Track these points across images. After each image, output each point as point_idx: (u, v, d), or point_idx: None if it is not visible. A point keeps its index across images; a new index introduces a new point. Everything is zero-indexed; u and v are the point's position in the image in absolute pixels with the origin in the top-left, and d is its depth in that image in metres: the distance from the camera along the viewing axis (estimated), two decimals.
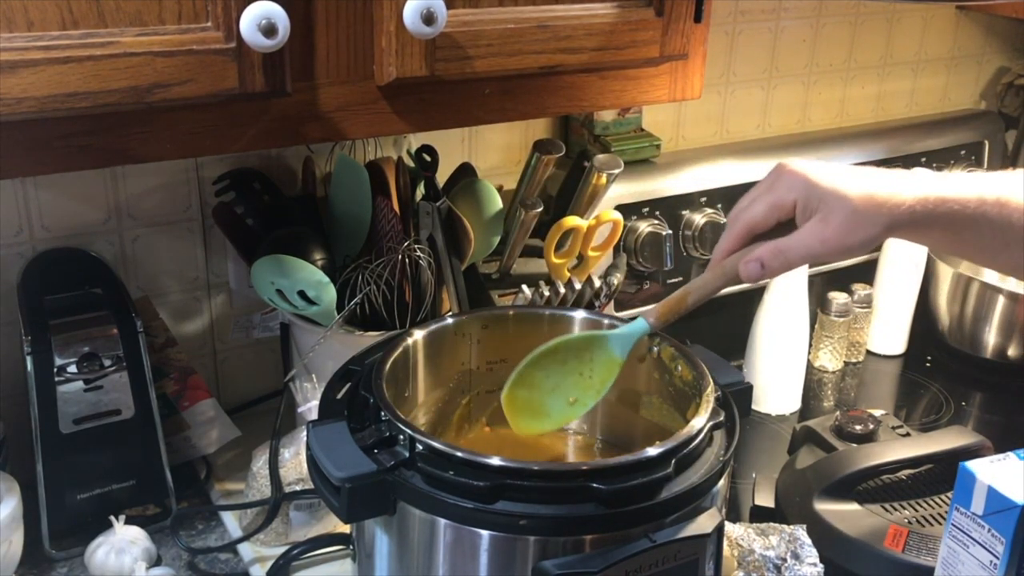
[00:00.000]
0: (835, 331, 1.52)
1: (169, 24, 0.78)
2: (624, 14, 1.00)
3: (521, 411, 0.93)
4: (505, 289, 1.26)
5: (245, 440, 1.19)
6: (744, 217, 0.87)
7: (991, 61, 1.93)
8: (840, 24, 1.69)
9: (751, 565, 1.00)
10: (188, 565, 1.07)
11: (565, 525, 0.75)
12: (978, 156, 1.81)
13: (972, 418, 1.46)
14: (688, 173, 1.48)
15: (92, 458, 1.06)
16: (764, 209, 0.86)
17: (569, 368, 0.93)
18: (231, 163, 1.20)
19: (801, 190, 0.83)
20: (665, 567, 0.76)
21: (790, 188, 0.84)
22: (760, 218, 0.86)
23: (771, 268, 0.85)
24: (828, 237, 0.82)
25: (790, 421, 1.40)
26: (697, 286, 0.89)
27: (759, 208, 0.86)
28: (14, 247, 1.14)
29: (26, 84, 0.73)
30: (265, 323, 1.30)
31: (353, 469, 0.75)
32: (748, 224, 0.86)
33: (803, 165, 0.85)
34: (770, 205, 0.85)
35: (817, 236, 0.83)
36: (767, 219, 0.86)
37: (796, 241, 0.84)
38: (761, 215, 0.86)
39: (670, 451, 0.78)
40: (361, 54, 0.89)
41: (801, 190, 0.83)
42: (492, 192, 1.20)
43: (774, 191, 0.85)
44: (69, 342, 1.04)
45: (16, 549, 1.01)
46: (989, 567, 0.89)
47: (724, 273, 0.88)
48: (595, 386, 0.93)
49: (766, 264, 0.84)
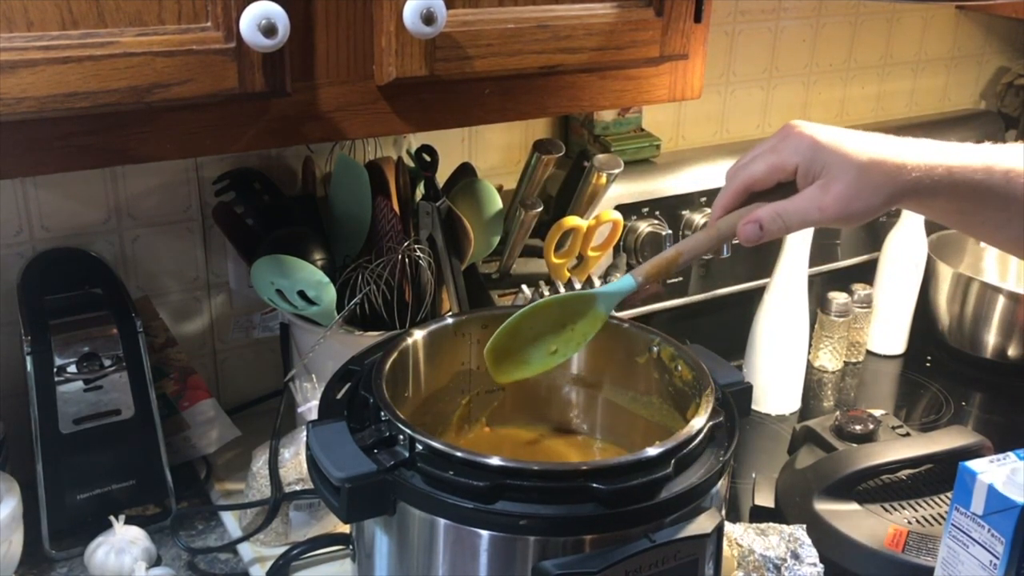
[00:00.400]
0: (835, 331, 1.52)
1: (169, 24, 0.78)
2: (624, 14, 1.00)
3: (501, 359, 0.91)
4: (505, 289, 1.26)
5: (245, 440, 1.19)
6: (743, 175, 0.85)
7: (991, 61, 1.93)
8: (840, 24, 1.69)
9: (751, 565, 1.00)
10: (188, 565, 1.07)
11: (565, 525, 0.75)
12: None
13: (972, 418, 1.46)
14: (688, 173, 1.48)
15: (92, 458, 1.06)
16: (765, 169, 0.84)
17: (553, 321, 0.92)
18: (231, 163, 1.20)
19: (805, 153, 0.82)
20: (665, 567, 0.76)
21: (794, 151, 0.82)
22: (759, 176, 0.84)
23: (769, 231, 0.83)
24: (827, 205, 0.81)
25: (790, 421, 1.40)
26: (690, 246, 0.87)
27: (759, 167, 0.84)
28: (14, 247, 1.14)
29: (26, 84, 0.73)
30: (265, 323, 1.30)
31: (353, 469, 0.75)
32: (747, 182, 0.85)
33: (811, 127, 0.83)
34: (771, 165, 0.83)
35: (816, 203, 0.81)
36: (767, 179, 0.84)
37: (795, 206, 0.82)
38: (761, 174, 0.84)
39: (670, 451, 0.78)
40: (361, 54, 0.89)
41: (805, 153, 0.82)
42: (492, 192, 1.20)
43: (777, 152, 0.84)
44: (69, 342, 1.04)
45: (16, 549, 1.01)
46: (989, 567, 0.89)
47: (719, 233, 0.86)
48: (576, 338, 0.92)
49: (765, 227, 0.83)
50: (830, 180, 0.81)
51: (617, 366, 0.99)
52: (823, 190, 0.81)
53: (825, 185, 0.81)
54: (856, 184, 0.80)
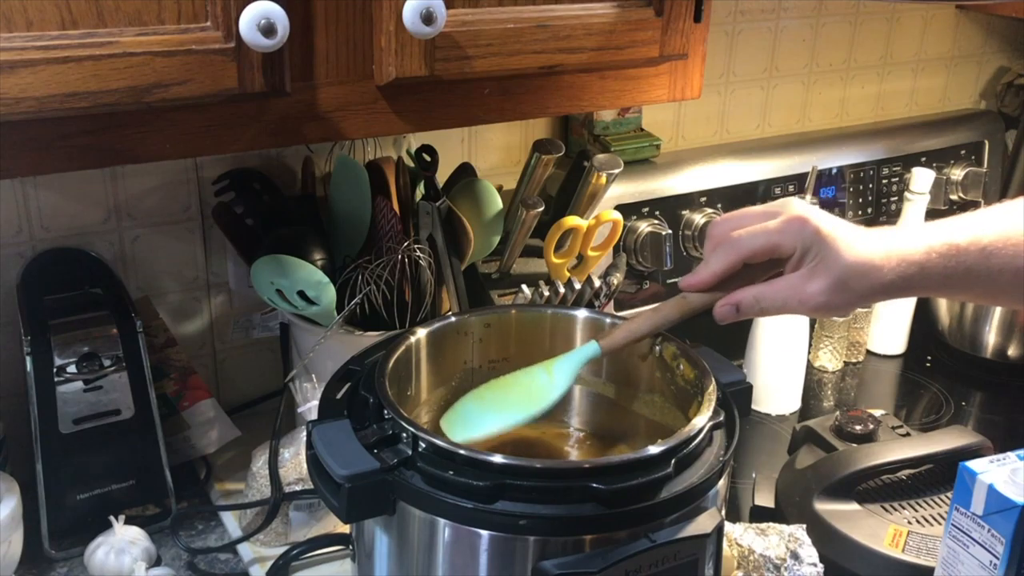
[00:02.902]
0: (835, 331, 1.52)
1: (168, 24, 0.78)
2: (624, 14, 1.00)
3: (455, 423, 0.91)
4: (505, 289, 1.26)
5: (245, 440, 1.19)
6: (743, 248, 0.85)
7: (991, 61, 1.93)
8: (840, 24, 1.69)
9: (751, 565, 1.00)
10: (188, 565, 1.07)
11: (565, 525, 0.75)
12: (978, 156, 1.81)
13: (972, 418, 1.46)
14: (688, 173, 1.48)
15: (92, 458, 1.06)
16: (764, 247, 0.84)
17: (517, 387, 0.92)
18: (231, 163, 1.20)
19: (806, 242, 0.82)
20: (665, 567, 0.76)
21: (797, 237, 0.83)
22: (758, 252, 0.84)
23: (744, 314, 0.85)
24: (807, 298, 0.82)
25: (790, 421, 1.40)
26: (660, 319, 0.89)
27: (760, 243, 0.84)
28: (14, 247, 1.14)
29: (25, 84, 0.73)
30: (265, 323, 1.30)
31: (357, 467, 0.75)
32: (745, 256, 0.85)
33: (816, 215, 0.83)
34: (772, 245, 0.83)
35: (797, 294, 0.82)
36: (762, 256, 0.85)
37: (775, 293, 0.83)
38: (760, 250, 0.84)
39: (670, 450, 0.78)
40: (360, 54, 0.89)
41: (806, 242, 0.82)
42: (492, 192, 1.20)
43: (782, 234, 0.83)
44: (69, 342, 1.04)
45: (16, 549, 1.01)
46: (989, 567, 0.89)
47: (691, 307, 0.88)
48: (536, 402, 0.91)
49: (741, 309, 0.85)
50: (816, 273, 0.82)
51: (619, 364, 0.99)
52: (807, 281, 0.82)
53: (810, 276, 0.82)
54: (838, 283, 0.81)
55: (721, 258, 0.86)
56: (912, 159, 1.71)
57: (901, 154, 1.71)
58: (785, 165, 1.58)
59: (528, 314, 1.02)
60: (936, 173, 1.66)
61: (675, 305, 0.89)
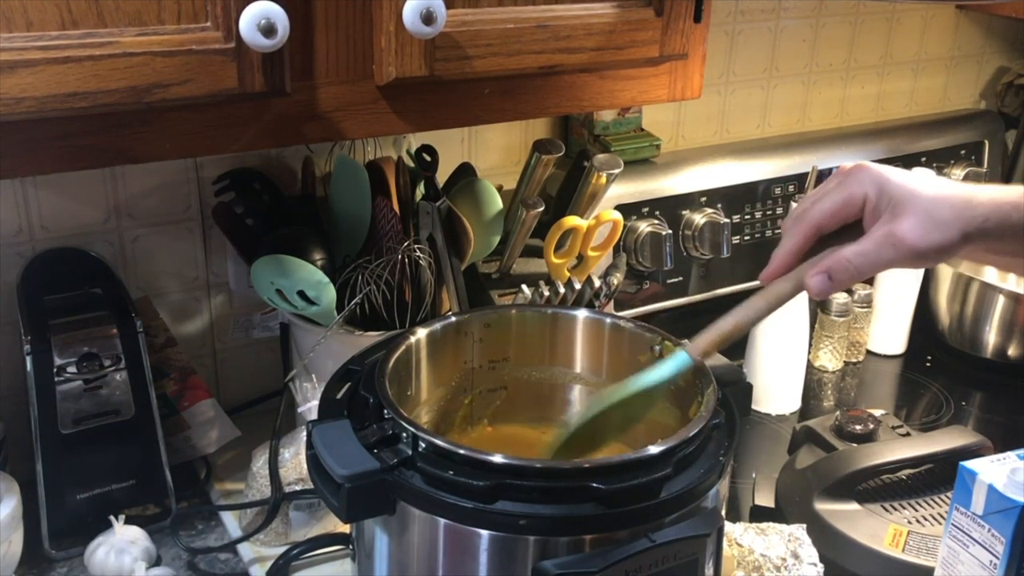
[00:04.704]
0: (835, 331, 1.52)
1: (168, 24, 0.78)
2: (624, 14, 1.00)
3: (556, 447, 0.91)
4: (505, 289, 1.26)
5: (245, 440, 1.19)
6: (813, 213, 0.79)
7: (991, 61, 1.93)
8: (840, 24, 1.69)
9: (751, 565, 1.00)
10: (188, 565, 1.07)
11: (565, 525, 0.75)
12: (978, 156, 1.81)
13: (972, 418, 1.46)
14: (688, 173, 1.48)
15: (92, 458, 1.06)
16: (833, 204, 0.79)
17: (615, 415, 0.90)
18: (231, 163, 1.20)
19: (872, 185, 0.78)
20: (665, 567, 0.76)
21: (862, 183, 0.78)
22: (828, 215, 0.79)
23: (838, 281, 0.78)
24: (900, 239, 0.76)
25: (790, 421, 1.40)
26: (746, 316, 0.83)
27: (827, 204, 0.79)
28: (14, 247, 1.14)
29: (25, 84, 0.73)
30: (265, 323, 1.30)
31: (357, 467, 0.75)
32: (818, 220, 0.79)
33: (876, 165, 0.80)
34: (841, 200, 0.79)
35: (889, 239, 0.76)
36: (837, 214, 0.79)
37: (865, 247, 0.77)
38: (830, 211, 0.79)
39: (670, 450, 0.78)
40: (360, 54, 0.89)
41: (872, 185, 0.78)
42: (492, 192, 1.20)
43: (845, 186, 0.79)
44: (69, 342, 1.04)
45: (16, 549, 1.01)
46: (989, 567, 0.89)
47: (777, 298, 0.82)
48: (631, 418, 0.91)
49: (834, 276, 0.78)
50: (899, 212, 0.76)
51: (619, 364, 0.99)
52: (893, 223, 0.76)
53: (894, 218, 0.76)
54: (927, 217, 0.76)
55: (793, 235, 0.81)
56: (912, 159, 1.71)
57: (901, 154, 1.71)
58: (785, 165, 1.58)
59: (528, 314, 1.02)
60: (936, 173, 1.66)
61: (761, 296, 0.83)
